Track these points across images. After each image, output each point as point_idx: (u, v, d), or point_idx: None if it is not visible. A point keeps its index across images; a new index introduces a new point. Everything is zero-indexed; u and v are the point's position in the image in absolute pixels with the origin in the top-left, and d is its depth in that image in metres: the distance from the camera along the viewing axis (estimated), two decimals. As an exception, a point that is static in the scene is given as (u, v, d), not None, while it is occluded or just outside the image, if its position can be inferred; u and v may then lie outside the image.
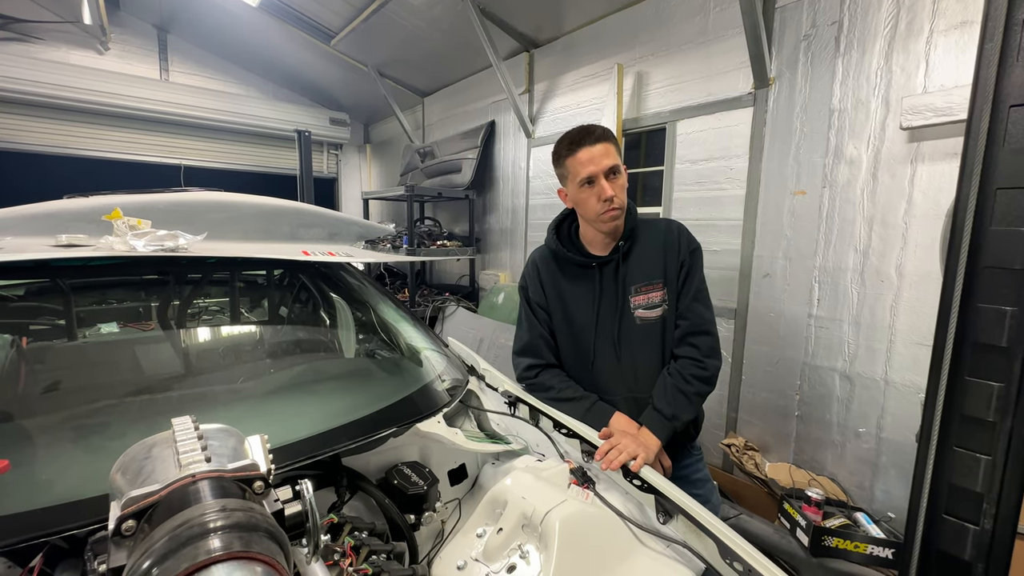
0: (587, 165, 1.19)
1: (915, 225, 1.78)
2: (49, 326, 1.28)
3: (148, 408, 1.04)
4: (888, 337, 1.86)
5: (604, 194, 1.18)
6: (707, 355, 1.25)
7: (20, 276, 1.27)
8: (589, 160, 1.18)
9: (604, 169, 1.18)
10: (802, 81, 2.08)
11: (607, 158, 1.18)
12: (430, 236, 4.31)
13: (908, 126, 1.73)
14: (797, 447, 2.16)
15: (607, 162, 1.18)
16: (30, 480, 0.80)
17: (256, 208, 1.48)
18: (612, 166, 1.19)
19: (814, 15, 2.03)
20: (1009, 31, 0.91)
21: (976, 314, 0.97)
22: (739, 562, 0.78)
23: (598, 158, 1.18)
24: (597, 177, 1.19)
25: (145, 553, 0.37)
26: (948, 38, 1.69)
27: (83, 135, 4.59)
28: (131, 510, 0.41)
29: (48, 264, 1.23)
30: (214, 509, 0.40)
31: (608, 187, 1.18)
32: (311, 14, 4.02)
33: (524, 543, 0.87)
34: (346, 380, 1.38)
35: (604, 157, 1.18)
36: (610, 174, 1.19)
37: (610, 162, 1.18)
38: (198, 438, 0.54)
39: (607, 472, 1.02)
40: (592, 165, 1.18)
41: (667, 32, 2.60)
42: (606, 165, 1.18)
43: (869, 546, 1.62)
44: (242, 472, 0.48)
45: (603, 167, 1.18)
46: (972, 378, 0.97)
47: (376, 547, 0.80)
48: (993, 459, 0.95)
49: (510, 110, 3.65)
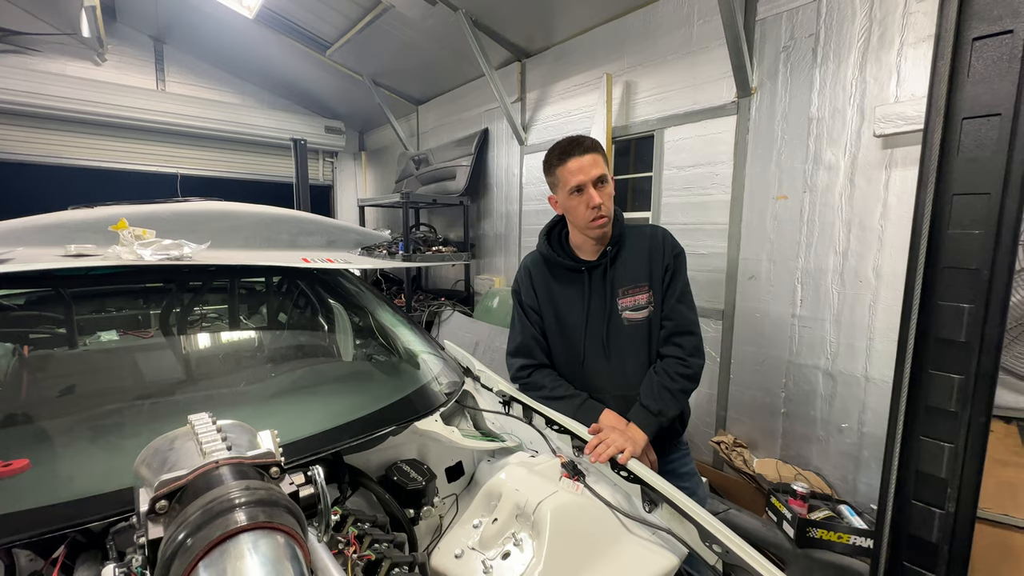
0: (576, 174, 1.26)
1: (890, 228, 1.86)
2: (50, 335, 1.33)
3: (158, 410, 1.09)
4: (867, 335, 1.94)
5: (592, 202, 1.25)
6: (691, 354, 1.32)
7: (31, 285, 1.31)
8: (578, 169, 1.25)
9: (592, 178, 1.25)
10: (782, 90, 2.16)
11: (595, 168, 1.25)
12: (425, 242, 4.37)
13: (881, 133, 1.82)
14: (784, 443, 2.22)
15: (595, 172, 1.25)
16: (50, 478, 0.85)
17: (257, 217, 1.54)
18: (600, 176, 1.26)
19: (792, 27, 2.12)
20: (959, 50, 0.99)
21: (936, 311, 1.04)
22: (718, 544, 0.84)
23: (587, 168, 1.25)
24: (585, 186, 1.25)
25: (181, 525, 0.42)
26: (917, 50, 1.78)
27: (80, 145, 4.62)
28: (164, 491, 0.47)
29: (54, 273, 1.27)
30: (239, 487, 0.45)
31: (596, 195, 1.25)
32: (307, 26, 4.09)
33: (518, 532, 0.92)
34: (347, 382, 1.43)
35: (592, 167, 1.25)
36: (598, 183, 1.26)
37: (598, 172, 1.25)
38: (217, 431, 0.59)
39: (596, 465, 1.08)
40: (581, 174, 1.25)
41: (654, 43, 2.69)
42: (594, 175, 1.25)
43: (852, 536, 1.68)
44: (260, 459, 0.53)
45: (591, 176, 1.25)
46: (934, 371, 1.04)
47: (378, 537, 0.85)
48: (955, 447, 1.02)
49: (503, 118, 3.73)
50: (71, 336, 1.28)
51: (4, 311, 1.27)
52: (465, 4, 3.13)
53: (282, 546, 0.43)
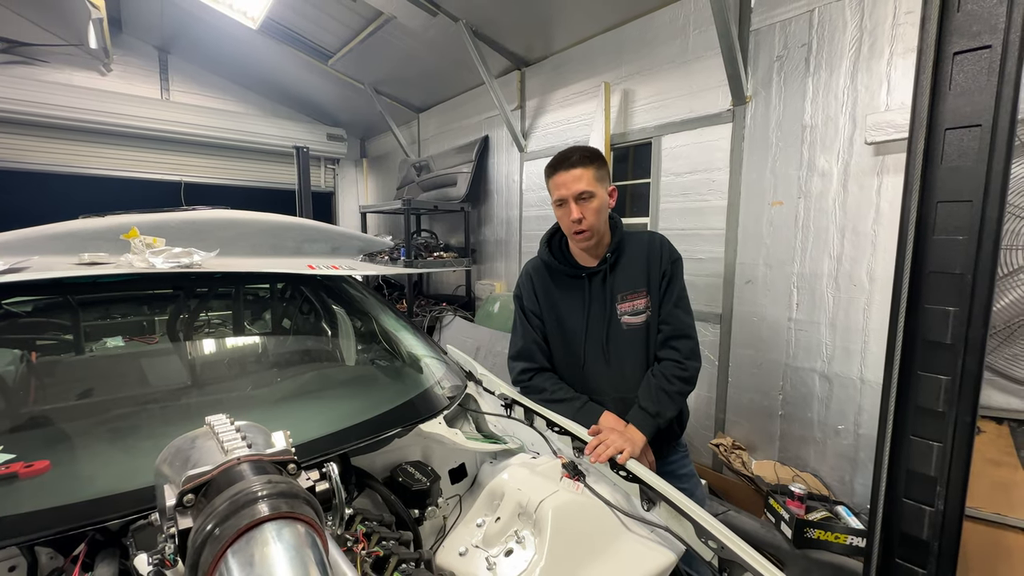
0: (560, 188, 1.31)
1: (883, 233, 1.90)
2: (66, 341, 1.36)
3: (171, 413, 1.12)
4: (862, 338, 1.97)
5: (572, 216, 1.29)
6: (687, 357, 1.35)
7: (48, 292, 1.34)
8: (562, 184, 1.30)
9: (574, 193, 1.29)
10: (776, 99, 2.21)
11: (578, 183, 1.28)
12: (427, 248, 4.41)
13: (872, 141, 1.86)
14: (782, 445, 2.25)
15: (577, 187, 1.29)
16: (70, 479, 0.88)
17: (263, 225, 1.57)
18: (582, 192, 1.29)
19: (785, 38, 2.17)
20: (941, 64, 1.03)
21: (924, 315, 1.07)
22: (713, 540, 0.87)
23: (569, 183, 1.29)
24: (567, 200, 1.30)
25: (210, 516, 0.46)
26: (906, 60, 1.83)
27: (86, 154, 4.69)
28: (191, 485, 0.50)
29: (70, 281, 1.31)
30: (262, 481, 0.49)
31: (576, 210, 1.29)
32: (310, 36, 4.15)
33: (520, 530, 0.95)
34: (352, 386, 1.46)
35: (576, 182, 1.29)
36: (580, 198, 1.29)
37: (580, 187, 1.28)
38: (236, 430, 0.62)
39: (596, 465, 1.11)
40: (563, 189, 1.30)
41: (651, 52, 2.75)
42: (576, 190, 1.29)
43: (849, 537, 1.71)
44: (278, 456, 0.57)
45: (573, 191, 1.29)
46: (923, 372, 1.08)
47: (385, 534, 0.88)
48: (944, 446, 1.05)
49: (503, 125, 3.78)
50: (83, 342, 1.32)
51: (22, 318, 1.30)
52: (466, 14, 3.19)
53: (303, 535, 0.46)
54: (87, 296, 1.40)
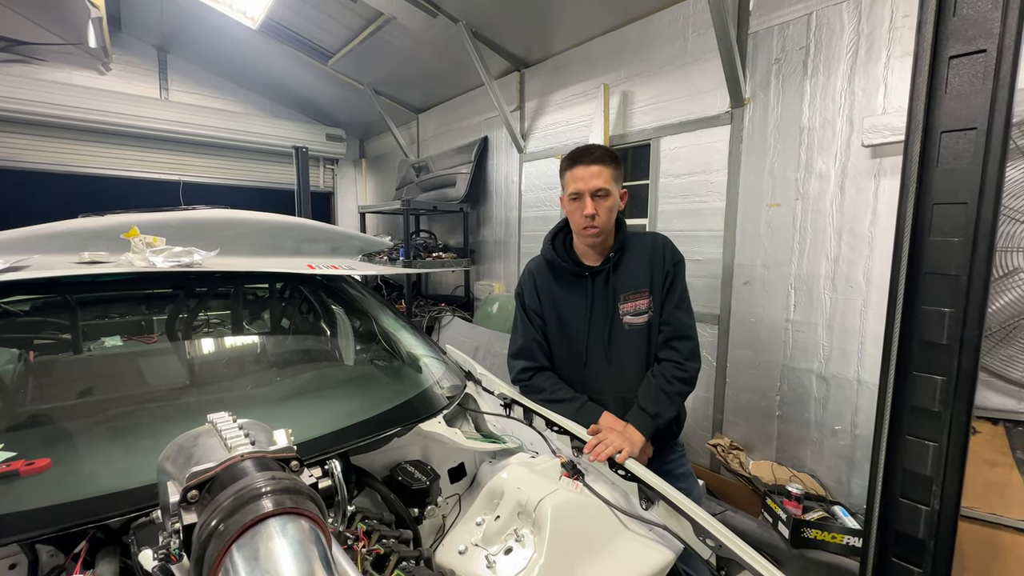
0: (577, 182, 1.31)
1: (880, 234, 1.92)
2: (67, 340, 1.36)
3: (171, 412, 1.13)
4: (859, 339, 1.98)
5: (585, 210, 1.30)
6: (687, 358, 1.36)
7: (48, 291, 1.34)
8: (580, 178, 1.31)
9: (591, 189, 1.30)
10: (774, 101, 2.23)
11: (597, 179, 1.30)
12: (426, 248, 4.41)
13: (869, 143, 1.87)
14: (779, 445, 2.26)
15: (595, 183, 1.30)
16: (71, 477, 0.88)
17: (262, 224, 1.58)
18: (599, 188, 1.30)
19: (783, 40, 2.19)
20: (936, 68, 1.04)
21: (919, 315, 1.08)
22: (711, 538, 0.87)
23: (588, 177, 1.30)
24: (583, 194, 1.30)
25: (214, 512, 0.46)
26: (903, 63, 1.84)
27: (85, 153, 4.68)
28: (195, 482, 0.51)
29: (71, 280, 1.31)
30: (265, 477, 0.49)
31: (591, 205, 1.30)
32: (310, 36, 4.16)
33: (519, 528, 0.96)
34: (352, 385, 1.46)
35: (594, 178, 1.30)
36: (596, 194, 1.31)
37: (598, 183, 1.30)
38: (239, 427, 0.63)
39: (595, 464, 1.12)
40: (581, 183, 1.30)
41: (650, 54, 2.76)
42: (594, 185, 1.30)
43: (845, 537, 1.72)
44: (281, 453, 0.57)
45: (591, 187, 1.30)
46: (919, 372, 1.09)
47: (385, 533, 0.88)
48: (939, 445, 1.06)
49: (502, 126, 3.79)
50: (82, 341, 1.32)
51: (23, 317, 1.30)
52: (465, 16, 3.20)
53: (307, 530, 0.47)
54: (87, 295, 1.40)
